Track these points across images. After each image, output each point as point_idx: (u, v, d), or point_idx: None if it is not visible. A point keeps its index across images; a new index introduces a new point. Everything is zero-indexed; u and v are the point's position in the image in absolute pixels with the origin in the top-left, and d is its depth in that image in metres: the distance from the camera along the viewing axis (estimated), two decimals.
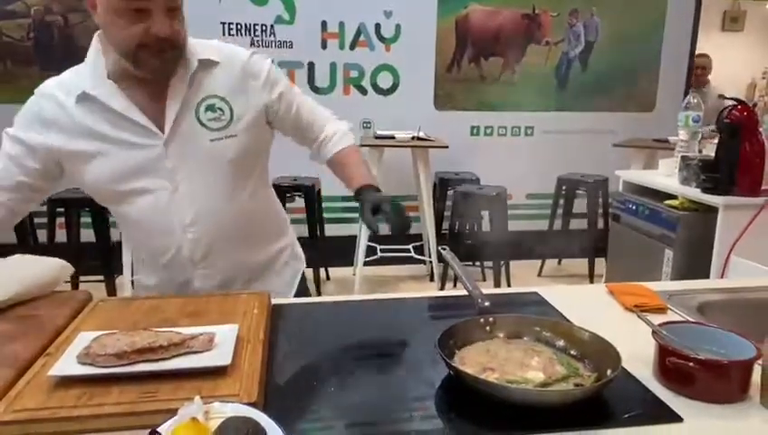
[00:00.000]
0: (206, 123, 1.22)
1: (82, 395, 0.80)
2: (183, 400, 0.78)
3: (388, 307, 1.27)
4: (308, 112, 1.37)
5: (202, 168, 1.23)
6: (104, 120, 1.18)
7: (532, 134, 4.51)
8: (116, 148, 1.18)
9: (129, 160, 1.19)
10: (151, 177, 1.21)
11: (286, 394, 0.87)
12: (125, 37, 1.10)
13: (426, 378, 0.93)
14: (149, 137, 1.19)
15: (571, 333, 1.00)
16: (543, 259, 4.27)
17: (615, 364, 0.88)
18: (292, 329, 1.12)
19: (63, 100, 1.18)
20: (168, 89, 1.19)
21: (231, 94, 1.24)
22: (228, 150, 1.24)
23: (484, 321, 1.03)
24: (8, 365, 0.86)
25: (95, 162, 1.19)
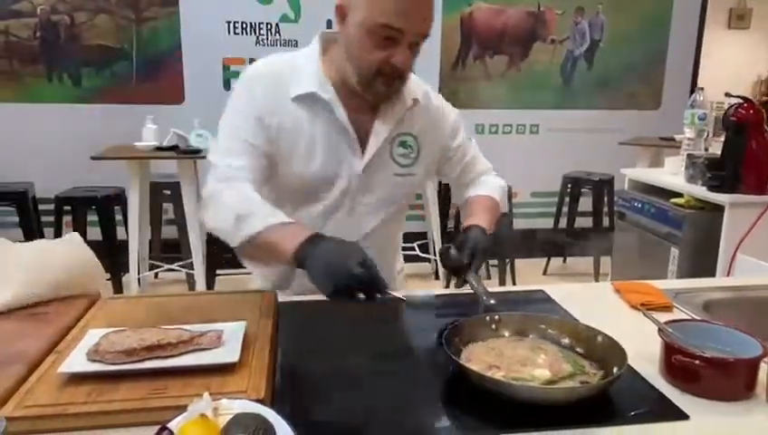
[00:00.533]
0: (396, 158, 1.24)
1: (92, 392, 0.80)
2: (192, 396, 0.79)
3: (395, 305, 1.27)
4: (472, 163, 1.39)
5: (381, 198, 1.26)
6: (318, 126, 1.18)
7: (537, 132, 4.51)
8: (318, 155, 1.18)
9: (327, 171, 1.20)
10: (334, 194, 1.22)
11: (294, 391, 0.88)
12: (367, 59, 1.09)
13: (432, 375, 0.93)
14: (352, 155, 1.20)
15: (577, 331, 1.01)
16: (549, 258, 4.26)
17: (621, 362, 0.88)
18: (299, 326, 1.13)
19: (275, 96, 1.16)
20: (380, 114, 1.21)
21: (422, 134, 1.26)
22: (407, 187, 1.29)
23: (490, 319, 1.04)
24: (19, 362, 0.87)
25: (294, 164, 1.19)
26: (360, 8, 1.06)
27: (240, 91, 1.19)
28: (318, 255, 0.98)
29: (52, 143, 3.84)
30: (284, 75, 1.18)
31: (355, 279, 0.94)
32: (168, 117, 3.65)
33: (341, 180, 1.21)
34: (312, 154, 1.19)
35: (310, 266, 0.98)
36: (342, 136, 1.19)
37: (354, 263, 0.94)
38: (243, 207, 1.08)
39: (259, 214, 1.07)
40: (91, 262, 1.16)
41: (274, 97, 1.17)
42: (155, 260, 3.78)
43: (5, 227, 3.59)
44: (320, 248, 0.99)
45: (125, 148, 3.36)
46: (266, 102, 1.17)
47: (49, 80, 3.88)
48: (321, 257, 0.97)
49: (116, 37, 3.89)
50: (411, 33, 1.06)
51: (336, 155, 1.20)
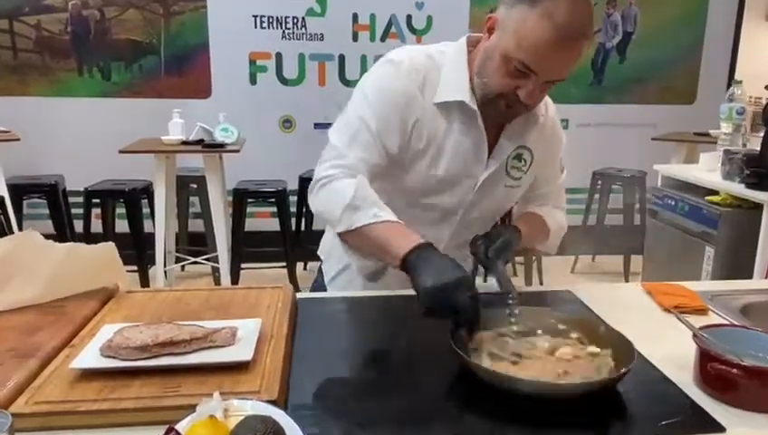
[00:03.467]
0: (510, 170, 1.23)
1: (103, 388, 0.79)
2: (205, 395, 0.77)
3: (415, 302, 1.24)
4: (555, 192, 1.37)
5: (488, 208, 1.26)
6: (454, 132, 1.15)
7: (566, 127, 4.38)
8: (448, 162, 1.16)
9: (452, 178, 1.18)
10: (453, 199, 1.21)
11: (308, 392, 0.85)
12: (496, 82, 1.07)
13: (450, 375, 0.90)
14: (477, 165, 1.19)
15: (590, 328, 0.98)
16: (577, 255, 4.17)
17: (629, 359, 0.85)
18: (315, 324, 1.10)
19: (421, 94, 1.13)
20: (507, 128, 1.19)
21: (536, 147, 1.24)
22: (511, 198, 1.28)
23: (509, 312, 1.01)
24: (32, 356, 0.86)
25: (422, 165, 1.16)
26: (507, 34, 1.03)
27: (385, 78, 1.14)
28: (429, 269, 0.94)
29: (82, 137, 3.90)
30: (431, 76, 1.14)
31: (460, 309, 0.90)
32: (194, 111, 3.67)
33: (460, 189, 1.20)
34: (439, 159, 1.16)
35: (419, 277, 0.94)
36: (476, 146, 1.17)
37: (464, 293, 0.91)
38: (357, 197, 1.06)
39: (371, 207, 1.06)
40: (113, 260, 1.15)
41: (417, 96, 1.13)
42: (181, 253, 3.81)
43: (37, 219, 3.67)
44: (433, 263, 0.95)
45: (152, 141, 3.39)
46: (408, 100, 1.12)
47: (79, 74, 3.93)
48: (432, 273, 0.93)
49: (145, 32, 3.93)
50: (545, 76, 1.04)
51: (463, 163, 1.18)
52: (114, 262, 1.14)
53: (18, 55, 3.85)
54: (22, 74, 3.86)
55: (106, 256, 1.13)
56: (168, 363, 0.84)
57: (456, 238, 1.26)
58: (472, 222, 1.25)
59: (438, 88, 1.13)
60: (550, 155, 1.29)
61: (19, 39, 3.83)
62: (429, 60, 1.15)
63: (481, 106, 1.12)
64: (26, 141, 3.42)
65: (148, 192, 3.55)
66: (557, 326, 0.99)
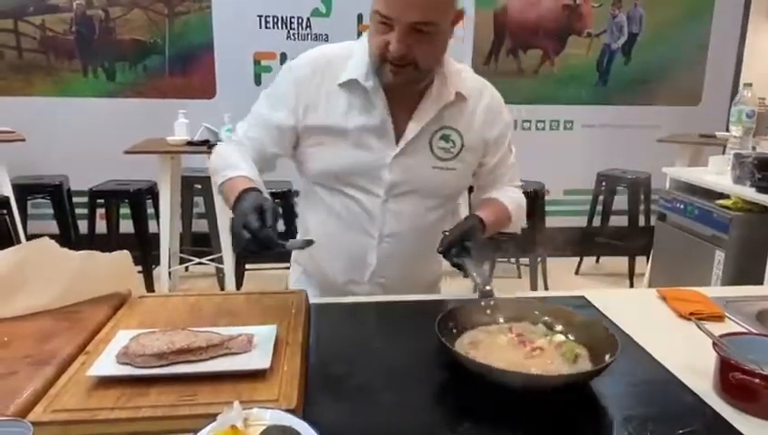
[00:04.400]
0: (436, 151, 1.23)
1: (120, 396, 0.78)
2: (222, 404, 0.76)
3: (431, 308, 1.23)
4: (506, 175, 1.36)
5: (417, 190, 1.24)
6: (355, 112, 1.20)
7: (571, 128, 4.40)
8: (352, 142, 1.20)
9: (360, 158, 1.21)
10: (369, 181, 1.22)
11: (325, 400, 0.85)
12: (373, 45, 1.13)
13: (469, 383, 0.89)
14: (385, 144, 1.21)
15: (571, 319, 1.00)
16: (581, 257, 4.16)
17: (613, 349, 0.87)
18: (330, 330, 1.10)
19: (323, 79, 1.21)
20: (419, 108, 1.21)
21: (467, 131, 1.24)
22: (446, 181, 1.26)
23: (485, 304, 1.04)
24: (48, 363, 0.85)
25: (328, 149, 1.22)
26: None
27: (283, 73, 1.26)
28: (238, 206, 1.05)
29: (86, 137, 3.89)
30: (337, 61, 1.21)
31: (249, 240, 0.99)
32: (199, 111, 3.66)
33: (371, 170, 1.22)
34: (345, 141, 1.21)
35: None
36: (378, 125, 1.20)
37: (252, 215, 1.00)
38: (222, 160, 1.23)
39: (225, 169, 1.20)
40: (127, 267, 1.14)
41: (319, 82, 1.21)
42: (185, 254, 3.81)
43: (41, 219, 3.66)
44: (243, 200, 1.06)
45: (157, 142, 3.38)
46: (307, 88, 1.21)
47: (84, 74, 3.93)
48: (238, 208, 1.05)
49: (149, 32, 3.92)
50: (400, 21, 1.06)
51: (368, 143, 1.21)
52: (128, 269, 1.14)
53: (23, 55, 3.84)
54: (26, 74, 3.85)
55: (121, 264, 1.13)
56: (184, 371, 0.83)
57: (385, 227, 1.24)
58: (399, 207, 1.24)
59: (342, 71, 1.20)
60: (491, 138, 1.28)
61: (24, 39, 3.82)
62: (344, 49, 1.23)
63: (386, 85, 1.17)
64: (31, 141, 3.41)
65: (152, 193, 3.54)
66: (535, 315, 1.02)
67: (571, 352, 0.92)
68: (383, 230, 1.25)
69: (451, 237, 1.14)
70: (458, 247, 1.13)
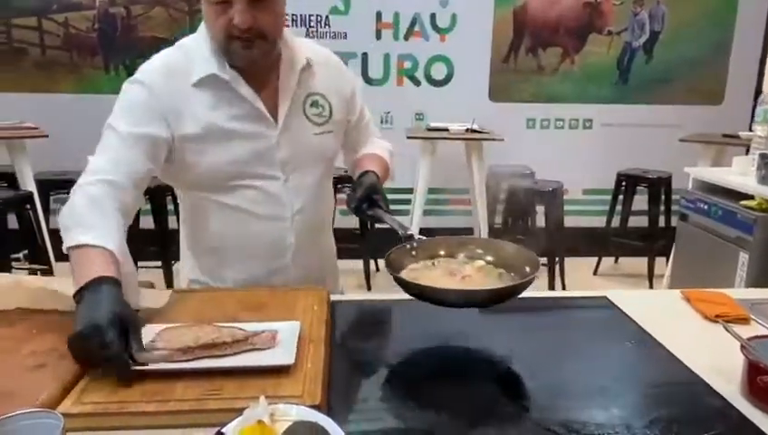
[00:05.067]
0: (311, 118, 1.27)
1: (147, 390, 0.79)
2: (247, 399, 0.77)
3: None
4: (368, 127, 1.45)
5: (308, 159, 1.28)
6: (223, 107, 1.18)
7: (590, 127, 4.36)
8: (233, 136, 1.18)
9: (246, 149, 1.20)
10: (264, 166, 1.22)
11: (348, 396, 0.85)
12: (215, 29, 1.13)
13: (490, 378, 0.89)
14: (266, 127, 1.21)
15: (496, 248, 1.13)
16: (600, 257, 4.13)
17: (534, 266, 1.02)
18: (349, 327, 1.10)
19: (176, 83, 1.15)
20: (280, 82, 1.23)
21: (329, 93, 1.30)
22: (328, 144, 1.31)
23: (410, 247, 1.14)
24: None
25: (211, 150, 1.18)
26: None
27: (130, 88, 1.16)
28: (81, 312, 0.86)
29: None
30: (180, 64, 1.17)
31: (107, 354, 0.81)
32: None
33: (262, 155, 1.21)
34: (224, 137, 1.18)
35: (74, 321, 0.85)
36: (250, 111, 1.19)
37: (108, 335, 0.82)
38: (72, 216, 1.03)
39: (76, 227, 1.00)
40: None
41: (171, 87, 1.15)
42: None
43: None
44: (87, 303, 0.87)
45: None
46: (162, 93, 1.14)
47: (106, 71, 3.98)
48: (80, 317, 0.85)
49: (170, 29, 3.96)
50: None
51: (248, 131, 1.20)
52: None
53: (46, 52, 3.90)
54: (50, 71, 3.91)
55: None
56: (210, 366, 0.84)
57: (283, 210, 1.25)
58: (295, 185, 1.25)
59: (190, 72, 1.16)
60: (347, 95, 1.34)
61: (47, 36, 3.88)
62: (178, 51, 1.20)
63: (230, 60, 1.15)
64: (54, 137, 3.46)
65: (172, 189, 3.56)
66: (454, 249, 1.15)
67: (491, 272, 1.08)
68: (293, 208, 1.26)
69: (359, 194, 1.20)
70: (368, 202, 1.20)
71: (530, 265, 1.04)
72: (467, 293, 1.00)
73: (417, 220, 3.77)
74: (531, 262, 1.05)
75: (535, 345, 1.04)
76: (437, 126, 3.84)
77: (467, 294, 0.99)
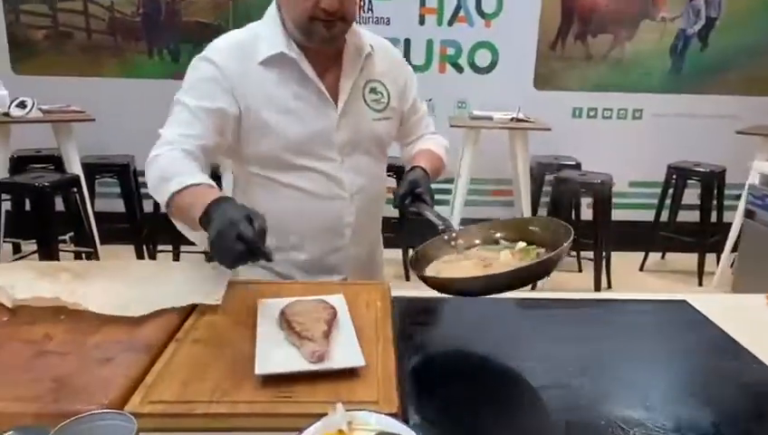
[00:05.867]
0: (370, 103, 1.28)
1: (216, 389, 0.76)
2: (320, 403, 0.73)
3: (512, 305, 1.17)
4: (424, 119, 1.45)
5: (365, 144, 1.28)
6: (288, 84, 1.19)
7: (640, 117, 4.20)
8: (295, 115, 1.20)
9: (307, 129, 1.20)
10: (323, 148, 1.23)
11: (423, 404, 0.80)
12: (298, 9, 1.14)
13: (567, 382, 0.83)
14: (326, 108, 1.22)
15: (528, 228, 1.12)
16: (646, 253, 3.99)
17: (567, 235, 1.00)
18: (412, 324, 1.04)
19: (243, 61, 1.18)
20: (343, 65, 1.24)
21: (387, 79, 1.31)
22: (385, 130, 1.32)
23: (448, 238, 1.14)
24: (141, 350, 0.84)
25: (273, 128, 1.19)
26: None
27: (199, 64, 1.19)
28: (217, 216, 0.94)
29: (152, 118, 3.92)
30: (248, 43, 1.20)
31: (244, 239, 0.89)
32: None
33: (321, 136, 1.22)
34: (287, 116, 1.19)
35: (209, 228, 0.94)
36: (313, 92, 1.20)
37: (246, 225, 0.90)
38: (169, 168, 1.08)
39: (180, 175, 1.06)
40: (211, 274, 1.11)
41: (239, 64, 1.17)
42: None
43: (108, 198, 3.76)
44: (221, 210, 0.95)
45: None
46: (231, 70, 1.17)
47: (150, 56, 3.99)
48: (218, 218, 0.93)
49: (213, 14, 3.94)
50: None
51: (310, 112, 1.21)
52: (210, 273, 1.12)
53: (92, 37, 3.93)
54: (95, 55, 3.94)
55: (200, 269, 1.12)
56: (280, 371, 0.79)
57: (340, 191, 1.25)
58: (361, 163, 1.27)
59: (258, 50, 1.18)
60: (402, 85, 1.35)
61: (93, 20, 3.90)
62: (247, 31, 1.23)
63: (307, 51, 1.19)
64: (99, 121, 3.48)
65: (215, 174, 3.57)
66: (493, 236, 1.15)
67: (529, 254, 1.06)
68: (351, 189, 1.26)
69: (403, 189, 1.21)
70: (411, 197, 1.21)
71: (565, 238, 1.00)
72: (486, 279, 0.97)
73: (458, 210, 3.70)
74: (565, 234, 1.02)
75: (615, 350, 0.98)
76: (481, 114, 3.75)
77: (487, 280, 0.96)
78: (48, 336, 0.87)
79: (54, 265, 1.08)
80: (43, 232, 3.03)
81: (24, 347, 0.84)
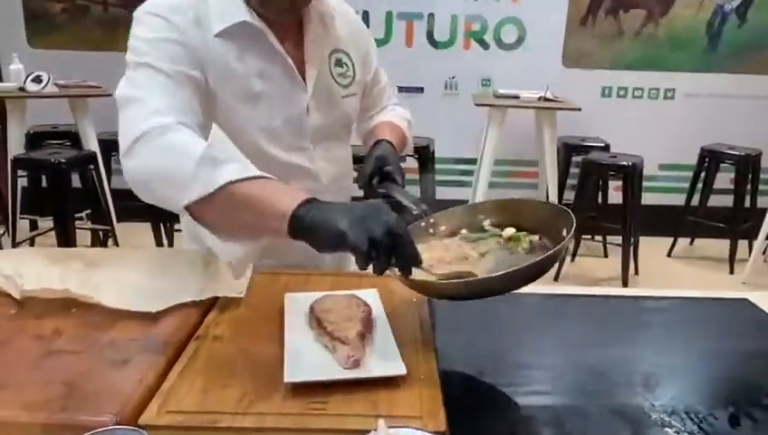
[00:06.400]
0: (337, 78, 1.12)
1: (242, 397, 0.68)
2: (357, 416, 0.65)
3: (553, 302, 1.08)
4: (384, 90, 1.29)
5: (335, 127, 1.14)
6: (252, 61, 0.99)
7: (672, 97, 4.03)
8: (263, 98, 1.01)
9: (276, 114, 1.03)
10: (294, 136, 1.06)
11: (469, 422, 0.71)
12: None
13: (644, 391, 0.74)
14: (295, 88, 1.05)
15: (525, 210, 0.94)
16: (675, 238, 3.86)
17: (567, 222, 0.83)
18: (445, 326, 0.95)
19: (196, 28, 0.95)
20: (307, 38, 1.06)
21: (352, 50, 1.15)
22: (353, 109, 1.17)
23: (426, 224, 0.96)
24: (159, 351, 0.76)
25: (239, 111, 1.00)
26: None
27: (151, 21, 0.94)
28: (333, 214, 0.72)
29: None
30: (200, 10, 0.97)
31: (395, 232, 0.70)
32: None
33: (292, 123, 1.06)
34: (253, 100, 1.00)
35: (325, 227, 0.71)
36: (280, 68, 1.02)
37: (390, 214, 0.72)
38: (213, 146, 0.79)
39: (234, 160, 0.80)
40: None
41: (196, 31, 0.95)
42: None
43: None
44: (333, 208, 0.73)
45: None
46: (190, 35, 0.94)
47: None
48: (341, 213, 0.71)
49: None
50: None
51: (278, 94, 1.03)
52: None
53: (109, 10, 3.84)
54: (112, 29, 3.85)
55: None
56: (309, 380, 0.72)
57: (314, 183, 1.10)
58: (332, 150, 1.14)
59: (212, 20, 0.96)
60: (364, 52, 1.19)
61: None
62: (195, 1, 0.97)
63: (267, 11, 0.99)
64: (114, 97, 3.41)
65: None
66: (478, 219, 0.96)
67: (518, 243, 0.89)
68: (325, 180, 1.12)
69: (369, 168, 1.06)
70: (379, 176, 1.05)
71: (566, 226, 0.84)
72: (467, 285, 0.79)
73: (481, 193, 3.59)
74: (566, 222, 0.84)
75: (677, 351, 0.89)
76: (506, 93, 3.61)
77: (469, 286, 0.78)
78: (58, 331, 0.80)
79: (66, 253, 1.00)
80: (60, 209, 2.98)
81: (32, 344, 0.77)
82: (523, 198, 0.99)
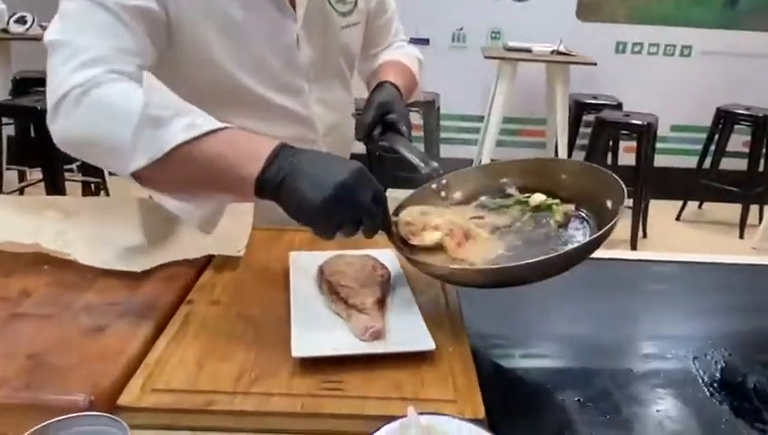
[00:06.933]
0: (335, 5, 0.97)
1: (243, 374, 0.57)
2: (378, 399, 0.55)
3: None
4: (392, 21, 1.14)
5: (334, 63, 1.00)
6: None
7: (689, 54, 3.85)
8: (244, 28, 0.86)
9: (261, 47, 0.88)
10: (285, 73, 0.92)
11: (507, 408, 0.61)
12: None
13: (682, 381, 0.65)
14: (283, 16, 0.89)
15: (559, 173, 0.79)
16: (684, 201, 3.75)
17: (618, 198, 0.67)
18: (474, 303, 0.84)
19: None
20: None
21: None
22: (355, 41, 1.03)
23: (437, 186, 0.82)
24: (144, 315, 0.65)
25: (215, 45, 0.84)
26: None
27: None
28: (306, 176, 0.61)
29: None
30: None
31: (364, 215, 0.64)
32: None
33: (280, 56, 0.91)
34: (229, 24, 0.84)
35: (295, 192, 0.61)
36: None
37: (366, 192, 0.63)
38: (152, 103, 0.65)
39: (180, 115, 0.66)
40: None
41: None
42: None
43: None
44: (307, 165, 0.62)
45: None
46: None
47: None
48: (313, 179, 0.61)
49: None
50: None
51: (263, 22, 0.87)
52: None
53: None
54: None
55: None
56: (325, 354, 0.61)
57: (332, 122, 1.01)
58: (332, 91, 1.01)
59: None
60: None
61: None
62: None
63: None
64: None
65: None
66: (499, 183, 0.81)
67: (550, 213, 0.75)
68: (323, 126, 1.00)
69: (370, 116, 0.90)
70: (381, 126, 0.90)
71: (612, 197, 0.70)
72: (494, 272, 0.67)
73: (487, 152, 3.46)
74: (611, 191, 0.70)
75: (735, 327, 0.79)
76: (518, 46, 3.43)
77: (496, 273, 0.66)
78: (25, 292, 0.69)
79: (40, 200, 0.88)
80: (49, 160, 2.84)
81: None
82: (557, 158, 0.87)
